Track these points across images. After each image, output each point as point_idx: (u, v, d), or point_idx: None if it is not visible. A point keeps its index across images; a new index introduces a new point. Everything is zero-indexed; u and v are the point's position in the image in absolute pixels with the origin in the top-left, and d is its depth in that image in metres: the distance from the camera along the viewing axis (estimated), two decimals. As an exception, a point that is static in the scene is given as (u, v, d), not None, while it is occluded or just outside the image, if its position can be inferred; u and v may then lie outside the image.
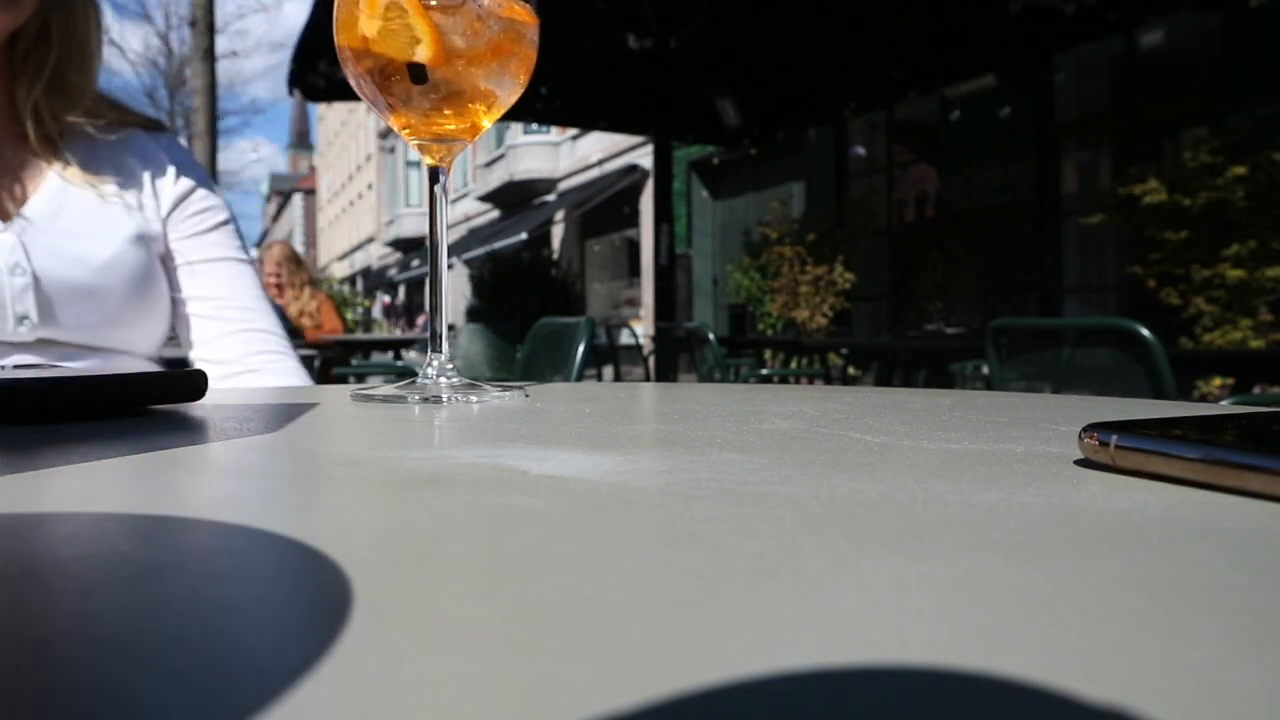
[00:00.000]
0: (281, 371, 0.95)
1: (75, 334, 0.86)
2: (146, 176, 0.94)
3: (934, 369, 4.91)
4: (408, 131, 0.56)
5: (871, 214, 10.16)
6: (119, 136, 0.94)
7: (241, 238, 1.01)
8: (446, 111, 0.55)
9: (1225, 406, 0.49)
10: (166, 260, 0.95)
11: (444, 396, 0.52)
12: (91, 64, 0.92)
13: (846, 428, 0.38)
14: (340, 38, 0.54)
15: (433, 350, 0.56)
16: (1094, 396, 0.58)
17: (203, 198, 0.97)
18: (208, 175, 1.02)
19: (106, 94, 0.96)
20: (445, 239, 0.57)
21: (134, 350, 0.91)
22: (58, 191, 0.87)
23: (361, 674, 0.11)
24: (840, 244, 9.62)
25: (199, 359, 0.94)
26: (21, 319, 0.83)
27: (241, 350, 0.94)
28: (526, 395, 0.55)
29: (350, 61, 0.54)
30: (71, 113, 0.90)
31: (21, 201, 0.86)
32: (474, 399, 0.52)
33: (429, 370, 0.56)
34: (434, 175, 0.57)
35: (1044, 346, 2.22)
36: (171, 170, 0.96)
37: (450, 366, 0.56)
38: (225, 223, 0.99)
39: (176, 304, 0.95)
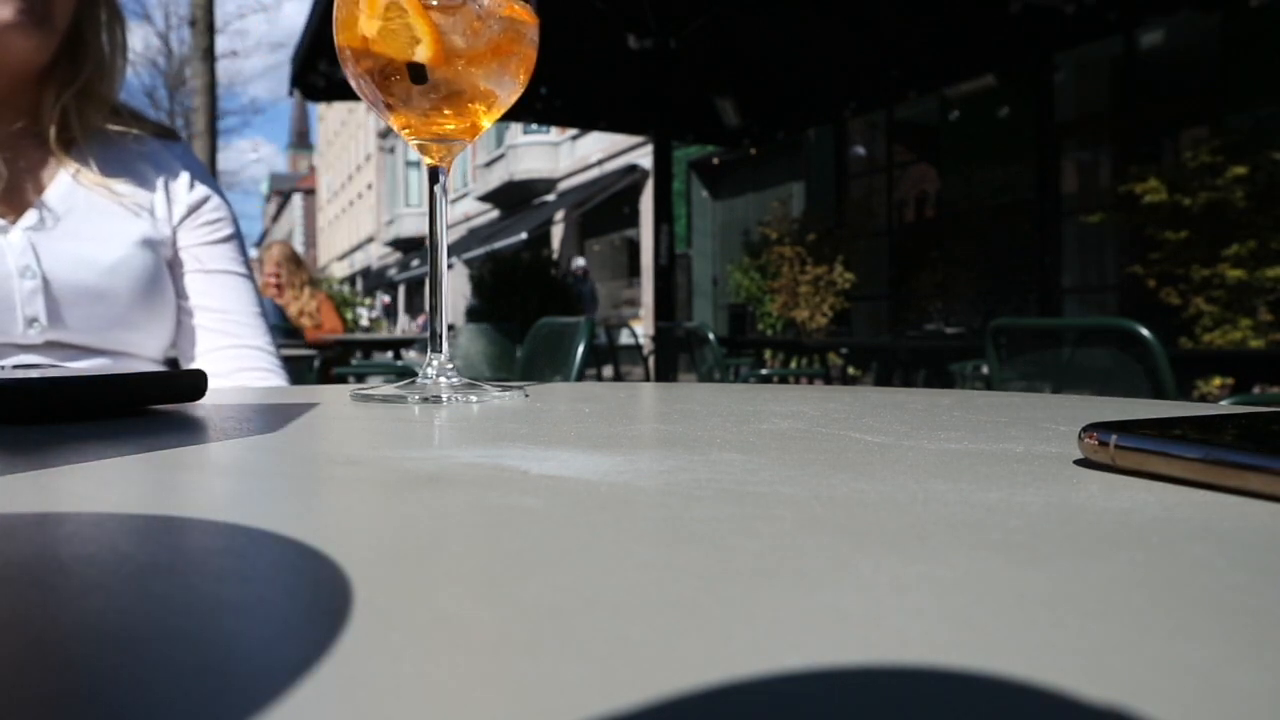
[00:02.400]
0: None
1: (83, 336, 0.86)
2: (160, 183, 0.95)
3: (934, 369, 4.91)
4: (408, 131, 0.56)
5: (871, 214, 10.15)
6: (135, 143, 0.95)
7: (244, 251, 1.02)
8: (446, 111, 0.54)
9: (1225, 406, 0.49)
10: (174, 266, 0.95)
11: (444, 396, 0.52)
12: (115, 74, 0.94)
13: (846, 428, 0.38)
14: (340, 38, 0.54)
15: (432, 350, 0.56)
16: (1094, 396, 0.58)
17: (215, 208, 0.98)
18: (219, 186, 1.03)
19: (124, 102, 0.97)
20: (445, 239, 0.57)
21: (140, 353, 0.91)
22: (68, 192, 0.88)
23: (361, 674, 0.11)
24: (840, 244, 9.62)
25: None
26: (31, 321, 0.83)
27: (231, 366, 0.95)
28: (526, 395, 0.55)
29: (350, 61, 0.54)
30: (94, 119, 0.91)
31: (32, 201, 0.87)
32: (474, 399, 0.52)
33: (429, 370, 0.56)
34: (434, 175, 0.57)
35: (1044, 346, 2.22)
36: (185, 177, 0.97)
37: (450, 366, 0.56)
38: (233, 236, 1.00)
39: (178, 311, 0.96)
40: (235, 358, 0.95)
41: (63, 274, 0.84)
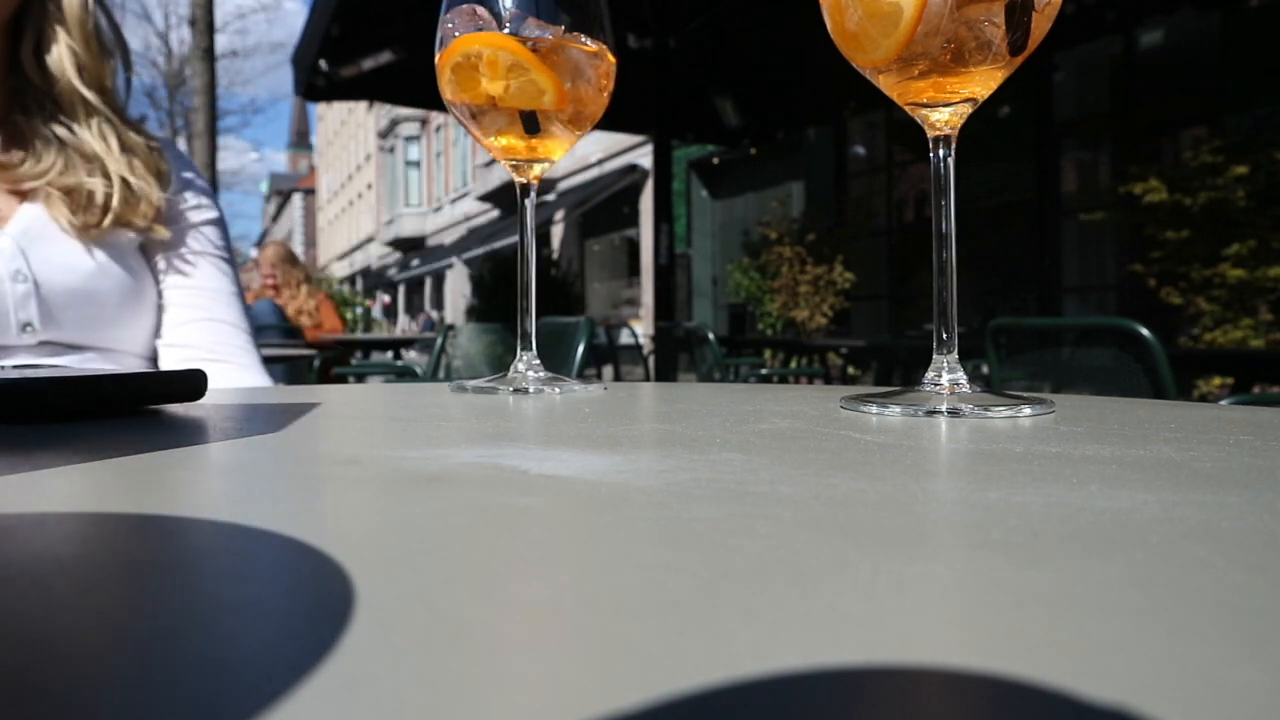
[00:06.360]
0: (246, 366, 0.95)
1: (74, 335, 0.86)
2: None
3: (934, 369, 4.90)
4: (509, 159, 0.62)
5: (871, 214, 10.14)
6: None
7: (227, 239, 1.01)
8: (549, 143, 0.62)
9: (1225, 406, 0.49)
10: (151, 251, 0.95)
11: (530, 388, 0.59)
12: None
13: (846, 427, 0.38)
14: (459, 96, 0.59)
15: (523, 348, 0.64)
16: (1094, 396, 0.58)
17: (192, 196, 0.97)
18: (202, 177, 1.02)
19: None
20: (534, 246, 0.65)
21: (129, 348, 0.91)
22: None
23: (361, 674, 0.11)
24: (840, 244, 9.61)
25: (166, 344, 0.93)
26: (24, 325, 0.83)
27: (209, 340, 0.93)
28: (605, 389, 0.61)
29: (467, 117, 0.60)
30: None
31: (15, 206, 0.86)
32: (557, 390, 0.59)
33: (519, 366, 0.64)
34: (525, 191, 0.65)
35: (1044, 346, 2.21)
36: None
37: (537, 363, 0.64)
38: (213, 222, 0.99)
39: (159, 295, 0.95)
40: (212, 331, 0.94)
41: (53, 277, 0.84)
